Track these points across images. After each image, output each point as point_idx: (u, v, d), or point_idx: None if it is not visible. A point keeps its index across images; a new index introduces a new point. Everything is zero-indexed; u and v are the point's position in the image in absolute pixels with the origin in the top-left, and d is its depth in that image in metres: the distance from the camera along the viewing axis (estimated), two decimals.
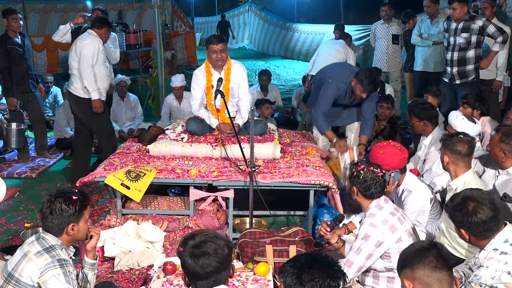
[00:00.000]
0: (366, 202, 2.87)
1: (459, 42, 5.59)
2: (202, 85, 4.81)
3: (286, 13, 18.17)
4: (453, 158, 3.23)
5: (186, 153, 4.54)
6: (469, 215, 2.34)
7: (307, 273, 1.80)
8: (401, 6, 11.30)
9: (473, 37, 5.53)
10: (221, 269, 1.98)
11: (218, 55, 4.65)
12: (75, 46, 5.15)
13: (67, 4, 13.33)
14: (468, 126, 3.99)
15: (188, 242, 2.03)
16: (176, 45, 12.26)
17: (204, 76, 4.80)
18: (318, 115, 4.95)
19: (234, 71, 4.79)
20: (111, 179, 4.01)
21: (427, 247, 2.06)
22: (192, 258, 1.97)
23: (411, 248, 2.11)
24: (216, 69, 4.77)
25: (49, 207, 2.42)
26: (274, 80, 10.72)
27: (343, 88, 4.86)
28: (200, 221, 4.08)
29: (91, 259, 2.66)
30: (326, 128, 4.94)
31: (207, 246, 1.98)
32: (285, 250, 3.46)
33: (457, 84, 5.73)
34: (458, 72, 5.69)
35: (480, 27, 5.48)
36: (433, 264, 1.97)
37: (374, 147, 3.53)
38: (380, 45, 7.80)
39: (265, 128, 4.89)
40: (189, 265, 1.98)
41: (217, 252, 1.97)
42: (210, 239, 2.01)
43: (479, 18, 5.54)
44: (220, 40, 4.68)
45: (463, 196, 2.42)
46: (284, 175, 4.08)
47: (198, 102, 4.85)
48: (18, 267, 2.35)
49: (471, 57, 5.61)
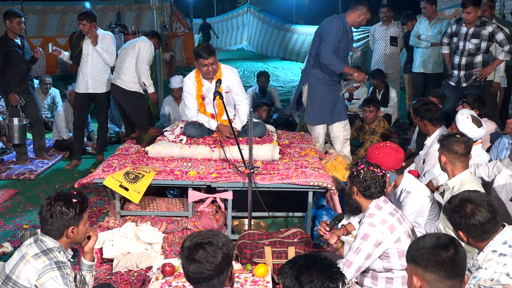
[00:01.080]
0: (365, 202, 2.87)
1: (469, 47, 5.57)
2: (194, 95, 4.77)
3: (285, 15, 18.20)
4: (450, 158, 3.26)
5: (185, 155, 4.54)
6: (467, 217, 2.34)
7: (306, 274, 1.79)
8: (400, 8, 11.32)
9: (482, 44, 5.51)
10: (213, 276, 1.97)
11: (209, 68, 4.56)
12: (135, 46, 5.90)
13: (66, 5, 13.33)
14: (469, 128, 3.98)
15: (185, 244, 2.03)
16: (175, 46, 12.27)
17: (194, 85, 4.75)
18: (330, 55, 4.98)
19: (225, 78, 4.69)
20: (110, 181, 4.01)
21: (445, 244, 1.94)
22: (185, 262, 1.99)
23: (427, 243, 1.97)
24: (207, 79, 4.71)
25: (49, 210, 2.41)
26: (272, 82, 10.74)
27: (343, 23, 5.00)
28: (199, 222, 4.08)
29: (89, 261, 2.65)
30: (343, 64, 5.04)
31: (199, 253, 1.96)
32: (284, 252, 3.46)
33: (464, 87, 5.70)
34: (465, 75, 5.67)
35: (490, 33, 5.45)
36: (448, 272, 1.89)
37: (370, 148, 3.53)
38: (378, 47, 7.81)
39: (264, 131, 4.88)
40: (183, 268, 2.01)
41: (208, 260, 1.95)
42: (205, 244, 1.98)
43: (490, 24, 5.51)
44: (210, 54, 4.51)
45: (461, 198, 2.41)
46: (282, 177, 4.08)
47: (193, 111, 4.82)
48: (16, 269, 2.34)
49: (479, 61, 5.61)
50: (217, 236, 2.04)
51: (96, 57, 5.92)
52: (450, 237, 2.01)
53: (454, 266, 1.90)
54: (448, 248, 1.93)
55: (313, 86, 5.24)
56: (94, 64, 5.93)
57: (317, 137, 5.39)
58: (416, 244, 2.00)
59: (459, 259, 1.92)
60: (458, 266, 1.91)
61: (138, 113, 6.10)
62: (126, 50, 6.01)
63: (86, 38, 5.86)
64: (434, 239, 1.98)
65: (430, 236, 2.03)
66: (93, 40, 5.80)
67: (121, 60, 5.98)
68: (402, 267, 2.78)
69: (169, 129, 5.09)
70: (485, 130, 4.08)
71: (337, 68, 5.03)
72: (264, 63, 15.74)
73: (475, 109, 4.76)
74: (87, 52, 5.89)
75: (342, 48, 5.08)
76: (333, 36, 4.96)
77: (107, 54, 5.93)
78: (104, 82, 6.04)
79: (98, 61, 5.94)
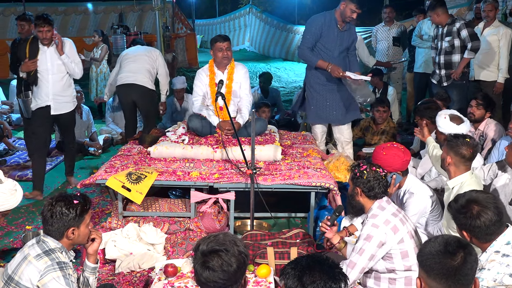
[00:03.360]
0: (368, 203, 2.86)
1: (445, 46, 5.70)
2: (204, 84, 4.90)
3: (287, 15, 18.17)
4: (455, 160, 3.21)
5: (187, 155, 4.54)
6: (472, 218, 2.32)
7: (309, 275, 1.79)
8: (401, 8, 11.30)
9: (455, 41, 5.62)
10: (227, 284, 1.90)
11: (224, 53, 4.78)
12: (151, 54, 6.02)
13: (68, 7, 13.37)
14: (449, 128, 3.96)
15: (200, 247, 1.94)
16: (177, 47, 12.30)
17: (207, 75, 4.92)
18: (303, 50, 5.06)
19: (237, 72, 4.91)
20: (112, 181, 4.01)
21: (452, 252, 1.84)
22: (199, 268, 1.91)
23: (434, 248, 1.89)
24: (220, 69, 4.89)
25: (50, 210, 2.42)
26: (274, 82, 10.72)
27: (328, 18, 5.01)
28: (201, 223, 4.08)
29: (93, 263, 2.65)
30: (316, 59, 5.02)
31: (214, 260, 1.88)
32: (286, 252, 3.46)
33: (445, 86, 5.82)
34: (445, 74, 5.78)
35: (457, 29, 5.57)
36: (450, 281, 1.82)
37: (378, 147, 3.50)
38: (381, 47, 7.81)
39: (265, 126, 4.92)
40: (196, 273, 1.94)
41: (223, 268, 1.88)
42: (221, 251, 1.90)
43: (458, 21, 5.63)
44: (225, 39, 4.83)
45: (468, 198, 2.38)
46: (285, 177, 4.08)
47: (200, 100, 4.91)
48: (18, 270, 2.34)
49: (457, 61, 5.69)
50: (234, 243, 1.95)
51: (58, 72, 4.91)
52: (461, 243, 1.90)
53: (458, 276, 1.82)
54: (455, 256, 1.84)
55: (310, 85, 5.25)
56: (56, 81, 4.93)
57: (315, 136, 5.40)
58: (424, 247, 1.94)
59: (466, 268, 1.83)
60: (464, 276, 1.82)
61: (153, 112, 6.16)
62: (142, 55, 5.99)
63: (41, 48, 4.84)
64: (442, 245, 1.88)
65: (439, 240, 1.92)
66: (60, 49, 4.85)
67: (136, 61, 5.93)
68: (405, 267, 2.77)
69: (171, 129, 5.09)
70: (467, 126, 4.06)
71: (310, 62, 5.11)
72: (266, 63, 15.73)
73: (489, 111, 4.77)
74: (45, 67, 4.87)
75: (332, 40, 5.05)
76: (309, 32, 5.07)
77: (76, 65, 4.99)
78: (69, 99, 5.10)
79: (61, 76, 4.95)
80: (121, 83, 5.95)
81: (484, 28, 6.13)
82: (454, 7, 9.45)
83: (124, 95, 6.05)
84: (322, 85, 5.16)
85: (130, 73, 5.92)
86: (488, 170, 3.79)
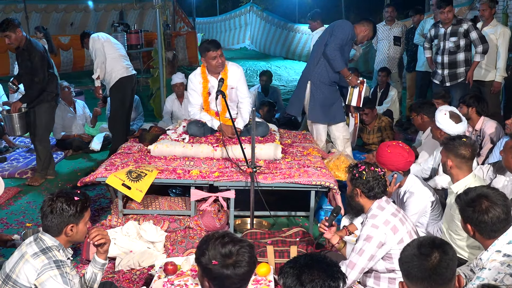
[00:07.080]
0: (368, 203, 2.86)
1: (449, 46, 5.79)
2: (199, 92, 4.76)
3: (288, 14, 18.14)
4: (457, 162, 3.18)
5: (187, 154, 4.54)
6: (480, 213, 2.31)
7: (307, 274, 1.79)
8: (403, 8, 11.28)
9: (461, 41, 5.72)
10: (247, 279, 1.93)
11: (218, 61, 4.59)
12: None
13: (69, 4, 13.36)
14: (447, 125, 3.96)
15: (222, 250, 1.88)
16: (178, 45, 12.28)
17: (200, 83, 4.75)
18: (337, 51, 5.04)
19: (231, 74, 4.74)
20: (112, 179, 4.01)
21: (426, 253, 1.88)
22: (218, 268, 1.86)
23: (408, 252, 1.94)
24: (213, 75, 4.71)
25: (50, 206, 2.41)
26: (275, 81, 10.72)
27: (351, 33, 5.12)
28: (201, 221, 4.08)
29: (103, 260, 2.66)
30: (344, 65, 5.12)
31: (240, 256, 1.88)
32: (286, 251, 3.46)
33: (448, 86, 5.86)
34: (449, 74, 5.84)
35: (465, 30, 5.66)
36: (430, 281, 1.85)
37: (382, 145, 3.48)
38: (382, 46, 7.82)
39: (267, 130, 4.87)
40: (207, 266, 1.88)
41: (249, 262, 1.89)
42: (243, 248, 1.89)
43: (465, 22, 5.73)
44: (217, 46, 4.61)
45: (479, 193, 2.37)
46: (285, 176, 4.08)
47: (196, 108, 4.81)
48: (16, 268, 2.33)
49: (461, 60, 5.80)
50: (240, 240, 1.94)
51: None
52: (435, 243, 1.93)
53: (434, 276, 1.85)
54: (429, 257, 1.88)
55: (315, 85, 5.24)
56: None
57: (319, 136, 5.37)
58: (403, 252, 1.98)
59: (441, 268, 1.86)
60: (439, 276, 1.86)
61: None
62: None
63: None
64: (416, 248, 1.92)
65: (414, 243, 1.96)
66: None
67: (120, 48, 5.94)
68: None
69: (171, 127, 5.09)
70: (464, 126, 4.02)
71: (338, 65, 5.07)
72: (267, 62, 15.72)
73: (471, 106, 4.75)
74: None
75: (345, 51, 5.18)
76: (344, 34, 5.06)
77: None
78: None
79: None
80: (127, 74, 5.85)
81: (482, 27, 6.13)
82: (456, 6, 9.43)
83: (130, 87, 5.96)
84: (327, 84, 5.23)
85: (129, 62, 5.91)
86: (488, 170, 3.79)
